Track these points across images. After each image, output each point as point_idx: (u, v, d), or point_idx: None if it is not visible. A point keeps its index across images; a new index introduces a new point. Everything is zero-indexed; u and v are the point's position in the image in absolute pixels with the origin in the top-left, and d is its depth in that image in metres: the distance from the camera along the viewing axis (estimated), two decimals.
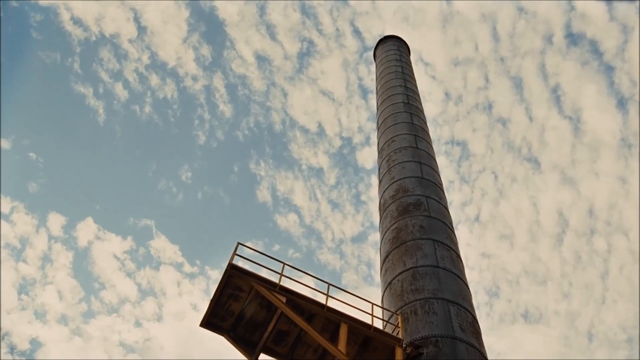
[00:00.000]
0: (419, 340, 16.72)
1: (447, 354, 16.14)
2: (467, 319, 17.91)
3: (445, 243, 21.08)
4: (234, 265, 15.74)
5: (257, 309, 16.24)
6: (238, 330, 16.48)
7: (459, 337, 16.83)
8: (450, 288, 18.76)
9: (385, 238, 22.55)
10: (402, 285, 19.13)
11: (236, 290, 15.95)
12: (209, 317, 16.15)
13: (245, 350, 16.28)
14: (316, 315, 16.22)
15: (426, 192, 23.95)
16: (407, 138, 28.63)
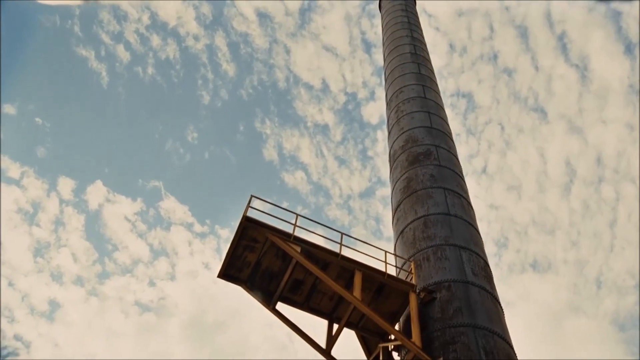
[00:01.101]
0: (432, 286, 17.03)
1: (460, 297, 16.46)
2: (479, 264, 18.20)
3: (456, 191, 21.26)
4: (248, 218, 15.97)
5: (273, 259, 16.53)
6: (255, 280, 16.82)
7: (471, 281, 17.13)
8: (461, 234, 19.01)
9: (396, 188, 22.73)
10: (414, 233, 19.39)
11: (251, 242, 16.21)
12: (226, 268, 16.48)
13: (263, 299, 16.65)
14: (331, 264, 16.51)
15: (436, 141, 24.02)
16: (415, 88, 28.54)
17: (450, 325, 15.64)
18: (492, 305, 16.81)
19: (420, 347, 14.97)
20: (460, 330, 15.47)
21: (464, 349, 14.85)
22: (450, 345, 15.06)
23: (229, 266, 16.51)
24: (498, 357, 14.86)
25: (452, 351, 14.88)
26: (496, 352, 15.02)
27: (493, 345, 15.22)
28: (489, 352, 14.88)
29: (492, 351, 14.96)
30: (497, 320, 16.34)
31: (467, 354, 14.70)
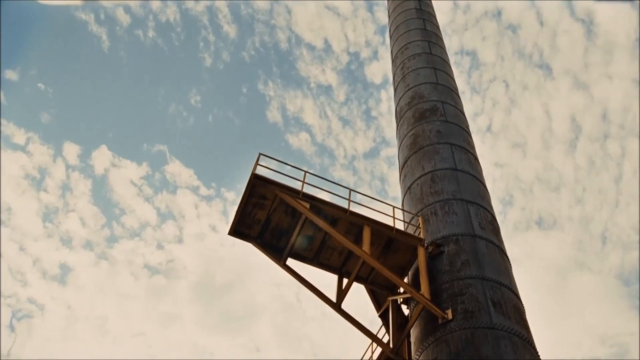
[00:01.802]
0: (440, 240, 17.22)
1: (467, 250, 16.66)
2: (486, 218, 18.35)
3: (463, 146, 21.31)
4: (257, 175, 16.09)
5: (282, 216, 16.71)
6: (265, 237, 17.03)
7: (479, 235, 17.31)
8: (468, 189, 19.13)
9: (402, 145, 22.78)
10: (422, 189, 19.52)
11: (260, 199, 16.37)
12: (236, 226, 16.68)
13: (273, 255, 16.89)
14: (339, 220, 16.69)
15: (442, 97, 23.97)
16: (420, 44, 28.33)
17: (458, 278, 15.86)
18: (499, 258, 17.01)
19: (429, 299, 15.23)
20: (468, 282, 15.70)
21: (472, 300, 15.09)
22: (459, 296, 15.30)
23: (239, 223, 16.70)
24: (506, 308, 15.11)
25: (460, 302, 15.13)
26: (504, 302, 15.26)
27: (500, 296, 15.46)
28: (497, 303, 15.12)
29: (499, 302, 15.21)
30: (504, 272, 16.56)
31: (475, 305, 14.95)
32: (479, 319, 14.51)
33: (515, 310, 15.36)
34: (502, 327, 14.35)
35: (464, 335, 14.22)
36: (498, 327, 14.34)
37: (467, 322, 14.50)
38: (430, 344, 14.63)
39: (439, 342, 14.46)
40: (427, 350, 14.60)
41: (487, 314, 14.68)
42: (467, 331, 14.29)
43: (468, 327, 14.37)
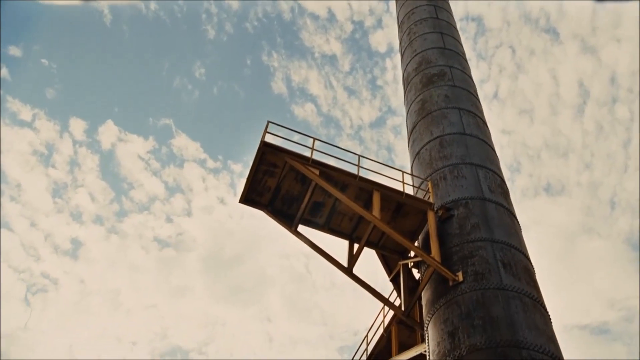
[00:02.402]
0: (449, 204, 17.31)
1: (477, 214, 16.76)
2: (496, 181, 18.41)
3: (471, 110, 21.26)
4: (266, 143, 16.16)
5: (292, 183, 16.81)
6: (275, 204, 17.17)
7: (488, 198, 17.39)
8: (477, 153, 19.15)
9: (410, 110, 22.75)
10: (431, 154, 19.55)
11: (270, 167, 16.46)
12: (247, 194, 16.81)
13: (284, 222, 17.03)
14: (349, 186, 16.78)
15: (449, 62, 23.84)
16: (426, 9, 28.08)
17: (468, 241, 15.99)
18: (509, 220, 17.11)
19: (439, 261, 15.38)
20: (478, 244, 15.83)
21: (482, 262, 15.24)
22: (469, 259, 15.45)
23: (250, 191, 16.83)
24: (516, 269, 15.25)
25: (470, 265, 15.28)
26: (514, 264, 15.40)
27: (510, 257, 15.60)
28: (507, 265, 15.26)
29: (509, 263, 15.35)
30: (514, 235, 16.67)
31: (485, 266, 15.10)
32: (489, 280, 14.67)
33: (525, 271, 15.50)
34: (512, 288, 14.51)
35: (475, 296, 14.40)
36: (508, 287, 14.50)
37: (477, 283, 14.67)
38: (442, 305, 14.82)
39: (450, 304, 14.64)
40: (439, 311, 14.80)
41: (497, 275, 14.83)
42: (478, 292, 14.46)
43: (478, 288, 14.54)
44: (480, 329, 13.49)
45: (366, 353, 19.24)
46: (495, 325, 13.45)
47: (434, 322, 14.83)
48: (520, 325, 13.49)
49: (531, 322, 13.75)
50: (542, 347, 13.05)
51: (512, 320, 13.60)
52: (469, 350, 13.12)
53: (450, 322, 14.21)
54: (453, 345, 13.58)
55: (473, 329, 13.60)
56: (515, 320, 13.61)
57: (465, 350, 13.19)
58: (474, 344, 13.18)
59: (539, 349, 12.96)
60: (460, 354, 13.18)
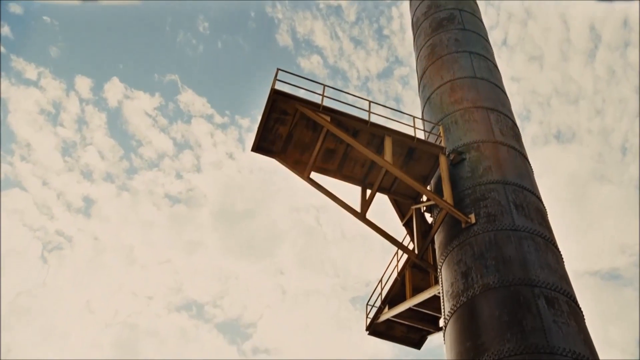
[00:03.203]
0: (461, 147, 17.33)
1: (489, 157, 16.79)
2: (507, 124, 18.36)
3: (482, 54, 21.05)
4: (277, 90, 16.15)
5: (304, 130, 16.85)
6: (287, 152, 17.25)
7: (500, 141, 17.38)
8: (488, 97, 19.05)
9: (420, 56, 22.56)
10: (441, 98, 19.47)
11: (281, 114, 16.48)
12: (259, 142, 16.88)
13: (297, 170, 17.14)
14: (360, 132, 16.81)
15: (459, 5, 23.48)
16: None
17: (480, 183, 16.07)
18: (520, 163, 17.14)
19: (452, 204, 15.50)
20: (490, 187, 15.91)
21: (495, 204, 15.34)
22: (481, 201, 15.55)
23: (262, 140, 16.89)
24: (528, 210, 15.36)
25: (483, 207, 15.39)
26: (526, 205, 15.50)
27: (523, 199, 15.68)
28: (519, 206, 15.36)
29: (522, 205, 15.45)
30: (526, 177, 16.73)
31: (497, 208, 15.21)
32: (502, 222, 14.80)
33: (537, 212, 15.61)
34: (524, 229, 14.64)
35: (487, 237, 14.55)
36: (521, 228, 14.63)
37: (490, 225, 14.80)
38: (455, 247, 15.00)
39: (462, 245, 14.82)
40: (452, 253, 14.99)
41: (509, 217, 14.95)
42: (490, 233, 14.61)
43: (491, 229, 14.68)
44: (493, 268, 13.68)
45: (381, 297, 19.57)
46: (507, 264, 13.63)
47: (447, 263, 15.04)
48: (532, 264, 13.67)
49: (543, 261, 13.92)
50: (554, 284, 13.25)
51: (525, 259, 13.77)
52: (482, 290, 13.34)
53: (464, 263, 14.41)
54: (466, 285, 13.81)
55: (486, 269, 13.79)
56: (528, 259, 13.78)
57: (479, 289, 13.41)
58: (487, 284, 13.39)
59: (551, 286, 13.16)
60: (474, 293, 13.41)
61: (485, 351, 12.01)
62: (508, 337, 11.97)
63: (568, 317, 12.63)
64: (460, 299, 13.65)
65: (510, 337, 11.95)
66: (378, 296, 19.81)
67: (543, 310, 12.48)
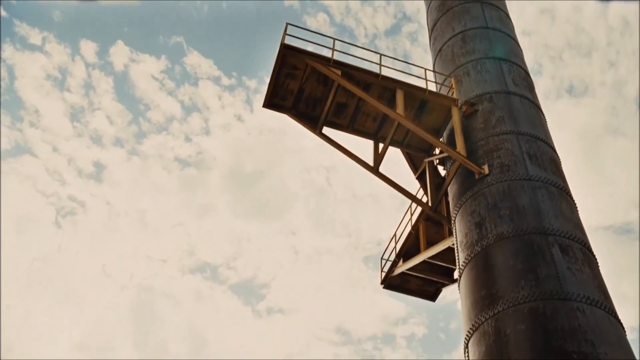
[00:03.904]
0: (473, 99, 17.20)
1: (502, 107, 16.67)
2: (520, 74, 18.17)
3: (493, 3, 20.72)
4: (286, 45, 16.03)
5: (315, 85, 16.77)
6: (299, 107, 17.21)
7: (513, 91, 17.23)
8: (500, 46, 18.82)
9: (430, 8, 22.22)
10: (453, 50, 19.25)
11: (292, 70, 16.40)
12: (270, 98, 16.85)
13: (309, 125, 17.13)
14: (372, 85, 16.71)
15: None
16: None
17: (493, 134, 15.99)
18: (534, 113, 17.01)
19: (465, 156, 15.47)
20: (503, 137, 15.83)
21: (508, 155, 15.29)
22: (494, 152, 15.50)
23: (273, 95, 16.86)
24: (542, 160, 15.30)
25: (496, 157, 15.35)
26: (539, 155, 15.44)
27: (536, 149, 15.61)
28: (533, 156, 15.31)
29: (535, 154, 15.39)
30: (539, 127, 16.61)
31: (511, 158, 15.16)
32: (515, 172, 14.77)
33: (551, 161, 15.55)
34: (538, 178, 14.62)
35: (501, 187, 14.55)
36: (534, 178, 14.60)
37: (503, 175, 14.78)
38: (468, 198, 15.02)
39: (476, 196, 14.83)
40: (465, 204, 15.02)
41: (523, 167, 14.91)
42: (504, 184, 14.60)
43: (505, 179, 14.67)
44: (507, 218, 13.71)
45: (395, 251, 19.72)
46: (521, 214, 13.66)
47: (461, 214, 15.09)
48: (546, 213, 13.68)
49: (557, 210, 13.93)
50: (568, 233, 13.28)
51: (539, 208, 13.78)
52: (496, 239, 13.40)
53: (477, 213, 14.45)
54: (480, 236, 13.87)
55: (500, 218, 13.83)
56: (542, 208, 13.79)
57: (493, 239, 13.47)
58: (501, 233, 13.44)
59: (565, 234, 13.19)
60: (488, 243, 13.48)
61: (499, 299, 12.14)
62: (522, 284, 12.07)
63: (582, 264, 12.69)
64: (475, 249, 13.73)
65: (525, 284, 12.05)
66: (392, 250, 19.97)
67: (557, 258, 12.54)
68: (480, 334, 12.05)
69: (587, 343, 10.79)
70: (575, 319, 11.24)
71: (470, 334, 12.45)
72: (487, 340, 11.75)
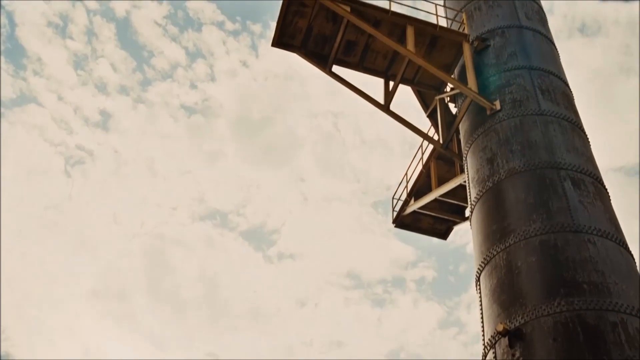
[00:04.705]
0: (485, 34, 16.94)
1: (514, 42, 16.42)
2: (533, 8, 17.83)
3: None
4: None
5: (324, 23, 16.55)
6: (308, 46, 17.03)
7: (525, 26, 16.94)
8: None
9: None
10: None
11: (300, 7, 16.17)
12: (278, 37, 16.67)
13: (318, 63, 16.98)
14: (382, 22, 16.47)
15: None
16: None
17: (505, 70, 15.80)
18: (546, 47, 16.75)
19: (476, 91, 15.33)
20: (515, 72, 15.65)
21: (520, 90, 15.15)
22: (506, 87, 15.35)
23: (282, 34, 16.67)
24: (554, 95, 15.15)
25: (508, 93, 15.21)
26: (552, 90, 15.28)
27: (549, 83, 15.44)
28: (545, 91, 15.16)
29: (547, 89, 15.23)
30: (552, 61, 16.39)
31: (523, 94, 15.02)
32: (528, 107, 14.65)
33: (563, 96, 15.40)
34: (550, 113, 14.50)
35: (513, 122, 14.46)
36: (547, 112, 14.49)
37: (515, 110, 14.68)
38: (480, 134, 14.96)
39: (488, 132, 14.77)
40: (477, 140, 14.97)
41: (535, 102, 14.78)
42: (516, 119, 14.51)
43: (516, 115, 14.57)
44: (519, 153, 13.68)
45: (406, 190, 19.81)
46: (533, 149, 13.61)
47: (472, 151, 15.06)
48: (558, 147, 13.63)
49: (570, 144, 13.88)
50: (580, 166, 13.26)
51: (551, 143, 13.72)
52: (508, 174, 13.40)
53: (489, 149, 14.41)
54: (492, 171, 13.87)
55: (511, 154, 13.80)
56: (554, 142, 13.73)
57: (504, 174, 13.47)
58: (512, 168, 13.44)
59: (577, 168, 13.17)
60: (499, 178, 13.49)
61: (511, 232, 12.23)
62: (534, 217, 12.13)
63: (594, 197, 12.71)
64: (486, 185, 13.76)
65: (536, 217, 12.11)
66: (404, 190, 20.05)
67: (569, 192, 12.56)
68: (492, 267, 12.20)
69: (597, 273, 10.91)
70: (586, 250, 11.34)
71: (482, 268, 12.61)
72: (499, 273, 11.90)
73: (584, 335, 9.89)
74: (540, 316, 10.48)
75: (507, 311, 11.06)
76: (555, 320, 10.27)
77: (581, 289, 10.60)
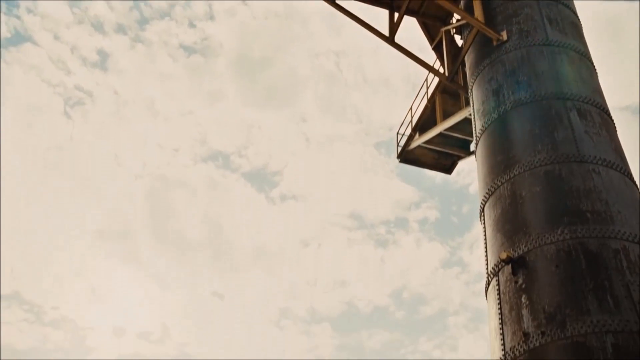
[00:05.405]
0: None
1: None
2: None
3: None
4: None
5: None
6: None
7: None
8: None
9: None
10: None
11: None
12: None
13: None
14: None
15: None
16: None
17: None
18: None
19: (483, 22, 15.07)
20: (523, 2, 15.33)
21: (528, 20, 14.87)
22: (513, 17, 15.07)
23: None
24: (562, 25, 14.88)
25: (515, 23, 14.94)
26: (560, 19, 14.99)
27: (557, 13, 15.14)
28: (553, 21, 14.88)
29: (556, 19, 14.95)
30: None
31: (530, 24, 14.76)
32: (535, 37, 14.42)
33: (572, 26, 15.13)
34: (558, 43, 14.27)
35: (520, 53, 14.27)
36: (554, 43, 14.26)
37: (522, 41, 14.45)
38: (486, 66, 14.78)
39: (494, 64, 14.59)
40: (483, 72, 14.81)
41: (543, 32, 14.54)
42: (523, 50, 14.30)
43: (523, 45, 14.35)
44: (525, 84, 13.54)
45: (411, 125, 19.75)
46: (540, 79, 13.47)
47: (478, 83, 14.92)
48: (565, 78, 13.49)
49: (577, 75, 13.73)
50: (587, 97, 13.15)
51: (558, 73, 13.57)
52: (514, 105, 13.32)
53: (495, 80, 14.28)
54: (498, 102, 13.78)
55: (518, 85, 13.67)
56: (561, 73, 13.58)
57: (510, 105, 13.39)
58: (518, 99, 13.33)
59: (584, 99, 13.07)
60: (505, 109, 13.41)
61: (516, 163, 12.25)
62: (539, 148, 12.13)
63: (600, 128, 12.66)
64: (492, 116, 13.69)
65: (542, 148, 12.10)
66: (408, 124, 19.99)
67: (575, 122, 12.50)
68: (496, 198, 12.28)
69: (601, 202, 10.99)
70: (590, 179, 11.38)
71: (486, 199, 12.69)
72: (503, 203, 11.98)
73: (586, 262, 10.04)
74: (543, 244, 10.62)
75: (511, 240, 11.20)
76: (558, 248, 10.42)
77: (584, 218, 10.70)
